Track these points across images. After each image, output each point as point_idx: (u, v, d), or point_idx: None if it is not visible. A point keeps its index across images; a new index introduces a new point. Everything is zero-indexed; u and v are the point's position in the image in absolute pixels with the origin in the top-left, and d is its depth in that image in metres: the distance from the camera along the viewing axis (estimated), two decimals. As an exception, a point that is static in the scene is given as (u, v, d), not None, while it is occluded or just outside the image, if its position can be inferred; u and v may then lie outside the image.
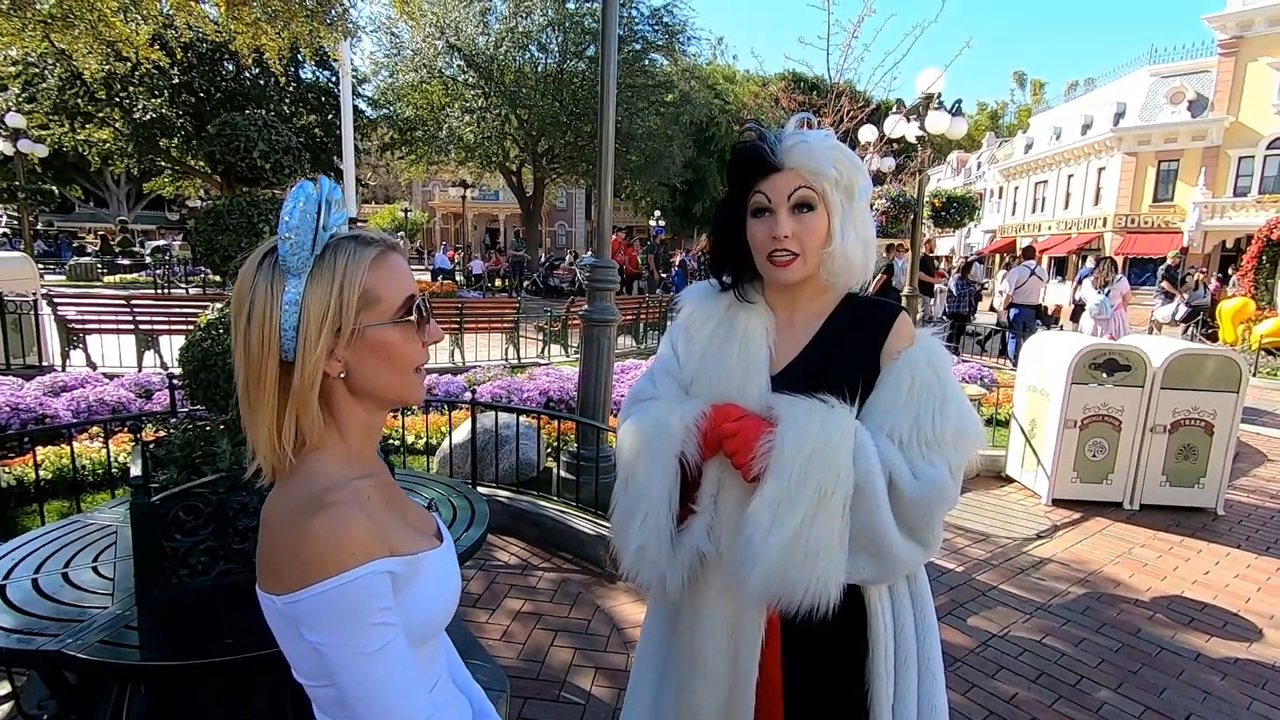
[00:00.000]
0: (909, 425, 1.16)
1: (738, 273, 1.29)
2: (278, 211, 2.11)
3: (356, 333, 0.78)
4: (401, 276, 0.82)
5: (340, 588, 0.72)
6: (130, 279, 17.48)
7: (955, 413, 1.18)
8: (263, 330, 0.76)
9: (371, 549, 0.75)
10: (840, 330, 1.27)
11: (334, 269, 0.77)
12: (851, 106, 8.26)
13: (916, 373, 1.19)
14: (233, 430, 2.19)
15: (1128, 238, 27.63)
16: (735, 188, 1.25)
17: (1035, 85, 62.25)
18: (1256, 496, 5.04)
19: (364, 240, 0.80)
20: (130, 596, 1.91)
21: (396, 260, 0.82)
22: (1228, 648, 3.02)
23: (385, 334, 0.80)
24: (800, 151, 1.18)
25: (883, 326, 1.24)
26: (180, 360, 2.12)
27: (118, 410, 4.59)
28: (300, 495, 0.77)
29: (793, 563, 1.10)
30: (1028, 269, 10.64)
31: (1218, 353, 4.83)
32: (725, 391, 1.24)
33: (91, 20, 6.57)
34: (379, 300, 0.79)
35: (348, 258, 0.78)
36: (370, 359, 0.80)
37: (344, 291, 0.77)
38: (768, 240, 1.20)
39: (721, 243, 1.29)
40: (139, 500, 1.86)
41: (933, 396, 1.17)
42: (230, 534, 2.02)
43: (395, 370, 0.82)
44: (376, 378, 0.81)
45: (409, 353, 0.83)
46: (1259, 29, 24.55)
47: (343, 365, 0.79)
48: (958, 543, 4.02)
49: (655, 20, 21.76)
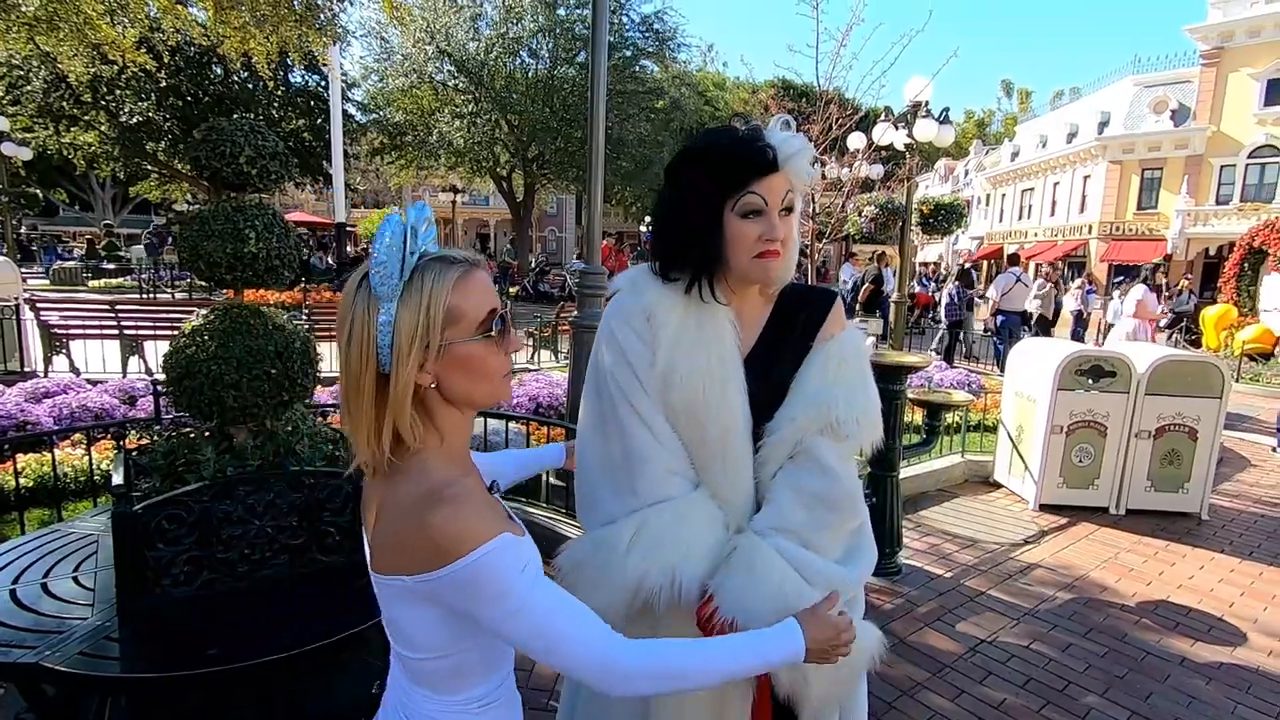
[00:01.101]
0: (842, 399, 1.23)
1: (702, 270, 1.21)
2: (264, 217, 2.10)
3: (443, 348, 0.86)
4: (482, 293, 0.89)
5: (477, 561, 0.81)
6: (115, 283, 17.27)
7: (864, 399, 1.26)
8: (361, 348, 0.85)
9: (495, 526, 0.85)
10: (785, 316, 1.32)
11: (421, 291, 0.84)
12: (840, 114, 8.32)
13: (843, 359, 1.27)
14: (217, 438, 2.17)
15: (1112, 245, 27.93)
16: (720, 182, 1.17)
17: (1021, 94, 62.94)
18: (1240, 501, 5.09)
19: (449, 261, 0.88)
20: (112, 607, 1.88)
21: (478, 278, 0.89)
22: (1213, 652, 3.05)
23: (469, 348, 0.88)
24: (800, 158, 1.18)
25: (822, 311, 1.32)
26: (164, 367, 2.09)
27: (101, 417, 4.54)
28: (416, 492, 0.86)
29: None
30: (1013, 275, 10.75)
31: (1201, 359, 4.88)
32: (706, 390, 1.21)
33: (77, 23, 6.50)
34: (462, 317, 0.87)
35: (433, 280, 0.85)
36: (457, 370, 0.88)
37: (430, 312, 0.84)
38: (758, 241, 1.18)
39: (692, 240, 1.20)
40: (120, 509, 1.83)
41: (857, 377, 1.26)
42: (214, 543, 1.99)
43: (482, 379, 0.90)
44: (465, 386, 0.89)
45: (492, 363, 0.90)
46: (1239, 40, 24.96)
47: (433, 376, 0.87)
48: (946, 548, 4.04)
49: (646, 27, 21.83)
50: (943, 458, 5.30)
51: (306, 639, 1.80)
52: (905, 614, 3.26)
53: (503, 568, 0.83)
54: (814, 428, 1.22)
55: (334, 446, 2.42)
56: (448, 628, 0.88)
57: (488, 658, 0.95)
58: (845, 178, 9.42)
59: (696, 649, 0.95)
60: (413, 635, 0.91)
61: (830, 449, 1.23)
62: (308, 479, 2.14)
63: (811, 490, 1.21)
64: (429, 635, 0.89)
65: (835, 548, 1.25)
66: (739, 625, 1.10)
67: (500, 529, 0.85)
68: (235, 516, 2.03)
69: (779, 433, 1.23)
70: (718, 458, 1.23)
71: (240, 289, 2.13)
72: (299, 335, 2.22)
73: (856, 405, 1.23)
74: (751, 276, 1.22)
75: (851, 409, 1.23)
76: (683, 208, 1.22)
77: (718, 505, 1.23)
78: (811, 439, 1.23)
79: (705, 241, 1.19)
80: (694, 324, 1.24)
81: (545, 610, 0.85)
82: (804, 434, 1.23)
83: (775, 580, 1.13)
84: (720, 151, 1.19)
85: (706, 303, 1.23)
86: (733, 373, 1.22)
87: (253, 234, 2.02)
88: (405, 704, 0.96)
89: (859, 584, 1.25)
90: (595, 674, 0.87)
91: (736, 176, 1.17)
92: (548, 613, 0.85)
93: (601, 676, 0.87)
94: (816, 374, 1.26)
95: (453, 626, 0.88)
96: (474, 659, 0.93)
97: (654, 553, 1.17)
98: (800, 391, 1.25)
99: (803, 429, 1.23)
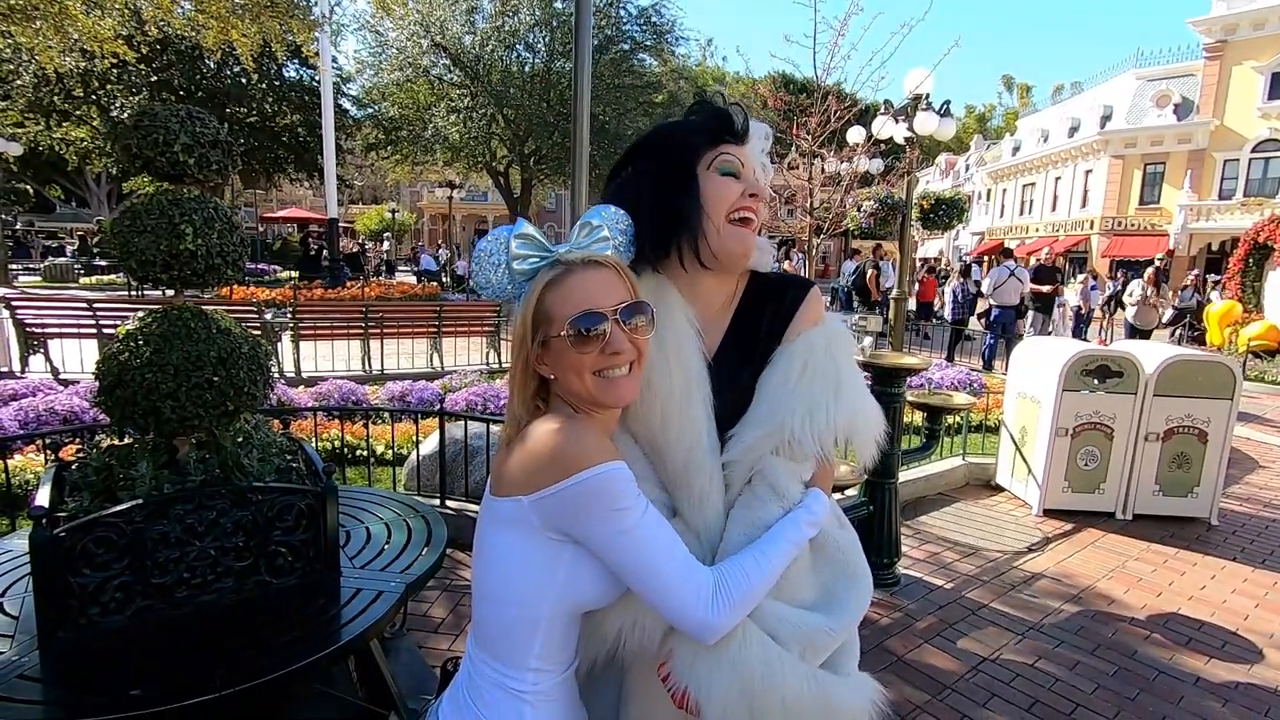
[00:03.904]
0: (800, 414, 1.03)
1: (679, 235, 1.08)
2: (202, 211, 1.93)
3: (545, 343, 0.96)
4: (580, 293, 0.94)
5: (597, 476, 0.88)
6: (107, 280, 17.08)
7: (849, 402, 1.07)
8: (518, 327, 0.98)
9: (611, 452, 0.92)
10: (753, 309, 1.15)
11: (530, 290, 0.97)
12: (839, 107, 8.14)
13: (811, 356, 1.08)
14: (158, 451, 2.00)
15: (1114, 240, 27.74)
16: (693, 140, 1.10)
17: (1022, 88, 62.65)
18: (1250, 505, 4.93)
19: (556, 263, 0.98)
20: (33, 639, 1.72)
21: (582, 278, 0.95)
22: (1228, 670, 2.88)
23: (557, 344, 0.95)
24: (761, 139, 1.13)
25: (792, 303, 1.14)
26: (96, 374, 1.92)
27: (68, 420, 4.38)
28: (547, 421, 0.94)
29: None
30: (1007, 269, 10.54)
31: (1211, 359, 4.71)
32: (665, 412, 1.04)
33: (54, 14, 6.31)
34: (553, 317, 0.95)
35: (537, 281, 0.97)
36: (557, 365, 0.96)
37: (527, 310, 0.97)
38: (740, 198, 1.07)
39: (671, 205, 1.07)
40: (39, 532, 1.67)
41: (827, 383, 1.07)
42: (149, 567, 1.82)
43: (575, 375, 0.95)
44: (565, 381, 0.97)
45: (576, 360, 0.94)
46: (1243, 33, 24.71)
47: (547, 367, 0.97)
48: (946, 557, 3.87)
49: (643, 20, 21.59)
50: (943, 460, 5.14)
51: (249, 674, 1.63)
52: (904, 629, 3.10)
53: (620, 485, 0.90)
54: (767, 446, 1.04)
55: (290, 458, 2.25)
56: (537, 563, 0.93)
57: (556, 628, 0.96)
58: (844, 172, 9.24)
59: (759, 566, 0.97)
60: (502, 572, 0.95)
61: (785, 471, 1.05)
62: (255, 495, 1.97)
63: (763, 523, 1.03)
64: (516, 570, 0.94)
65: (806, 588, 1.07)
66: (690, 696, 0.94)
67: (619, 457, 0.92)
68: (173, 538, 1.86)
69: (728, 454, 1.06)
70: (683, 485, 1.05)
71: (179, 289, 1.95)
72: (246, 340, 2.04)
73: (819, 418, 1.04)
74: (729, 245, 1.08)
75: (812, 423, 1.03)
76: (648, 176, 1.10)
77: (694, 536, 1.06)
78: (767, 461, 1.05)
79: (678, 202, 1.07)
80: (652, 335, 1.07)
81: (651, 540, 0.91)
82: (756, 455, 1.05)
83: (736, 640, 0.95)
84: (690, 115, 1.14)
85: (667, 304, 1.07)
86: (696, 388, 1.05)
87: (190, 230, 1.85)
88: (470, 675, 1.01)
89: (843, 633, 1.05)
90: (683, 625, 0.93)
91: (710, 135, 1.09)
92: (653, 544, 0.91)
93: (690, 630, 0.93)
94: (777, 381, 1.07)
95: (543, 562, 0.93)
96: (543, 622, 0.95)
97: None
98: (756, 404, 1.07)
99: (753, 450, 1.04)
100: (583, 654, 1.04)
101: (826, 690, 0.97)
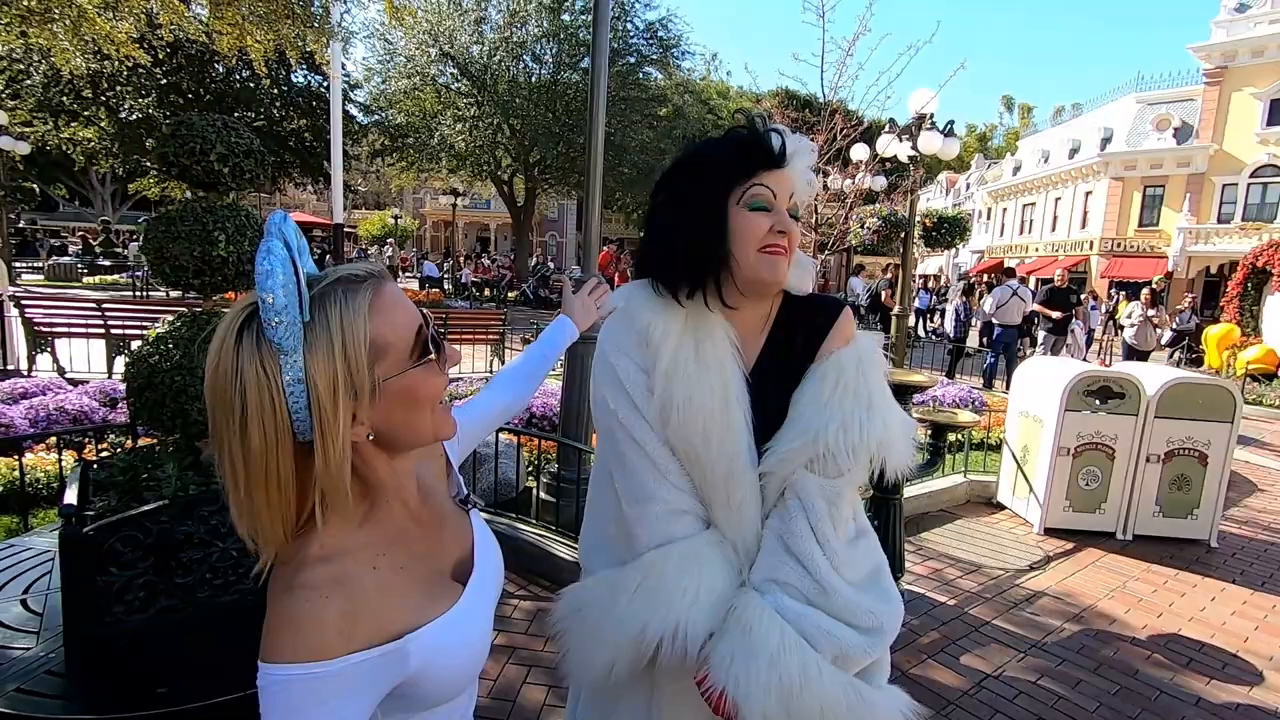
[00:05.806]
0: (834, 429, 1.07)
1: (706, 273, 1.10)
2: (235, 219, 1.97)
3: (376, 389, 0.70)
4: (403, 310, 0.73)
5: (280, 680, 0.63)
6: (110, 280, 17.13)
7: (881, 419, 1.10)
8: (264, 424, 0.65)
9: (326, 646, 0.65)
10: (787, 328, 1.19)
11: (330, 329, 0.66)
12: (845, 124, 8.23)
13: (842, 374, 1.12)
14: (181, 452, 2.04)
15: (1113, 261, 27.89)
16: (724, 173, 1.09)
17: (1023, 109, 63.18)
18: (1249, 528, 4.96)
19: (350, 281, 0.70)
20: (58, 636, 1.75)
21: (391, 292, 0.72)
22: (1228, 692, 2.91)
23: (405, 380, 0.72)
24: (804, 156, 1.11)
25: (825, 323, 1.17)
26: (125, 376, 1.96)
27: (79, 420, 4.39)
28: (282, 572, 0.69)
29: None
30: (1009, 289, 10.56)
31: (1213, 382, 4.76)
32: (706, 425, 1.08)
33: (72, 16, 6.39)
34: (388, 347, 0.70)
35: (340, 311, 0.67)
36: (397, 410, 0.72)
37: (349, 351, 0.67)
38: (766, 233, 1.09)
39: (694, 241, 1.09)
40: (69, 530, 1.70)
41: (859, 399, 1.10)
42: (173, 567, 1.86)
43: (424, 411, 0.75)
44: (407, 427, 0.74)
45: (433, 388, 0.75)
46: (1243, 59, 25.00)
47: (368, 426, 0.71)
48: (948, 574, 3.90)
49: (650, 34, 21.81)
50: (945, 477, 5.17)
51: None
52: (907, 644, 3.12)
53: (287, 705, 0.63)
54: (801, 459, 1.07)
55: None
56: None
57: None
58: (848, 189, 9.32)
59: None
60: None
61: (818, 487, 1.08)
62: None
63: (794, 534, 1.07)
64: None
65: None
66: (729, 697, 0.97)
67: (333, 651, 0.64)
68: (197, 538, 1.89)
69: (764, 465, 1.09)
70: (721, 496, 1.09)
71: (209, 294, 2.00)
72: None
73: (853, 432, 1.07)
74: (760, 274, 1.10)
75: (845, 437, 1.06)
76: (681, 207, 1.12)
77: (731, 547, 1.10)
78: (800, 476, 1.08)
79: (708, 240, 1.08)
80: (692, 347, 1.11)
81: None
82: (790, 467, 1.08)
83: (774, 644, 0.98)
84: (725, 142, 1.11)
85: (706, 320, 1.11)
86: (736, 403, 1.09)
87: (223, 237, 1.89)
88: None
89: (878, 649, 1.08)
90: None
91: (743, 165, 1.08)
92: None
93: None
94: (811, 397, 1.11)
95: None
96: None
97: (655, 600, 1.05)
98: (790, 419, 1.11)
99: (788, 463, 1.08)
100: (614, 664, 1.06)
101: (864, 699, 1.01)
